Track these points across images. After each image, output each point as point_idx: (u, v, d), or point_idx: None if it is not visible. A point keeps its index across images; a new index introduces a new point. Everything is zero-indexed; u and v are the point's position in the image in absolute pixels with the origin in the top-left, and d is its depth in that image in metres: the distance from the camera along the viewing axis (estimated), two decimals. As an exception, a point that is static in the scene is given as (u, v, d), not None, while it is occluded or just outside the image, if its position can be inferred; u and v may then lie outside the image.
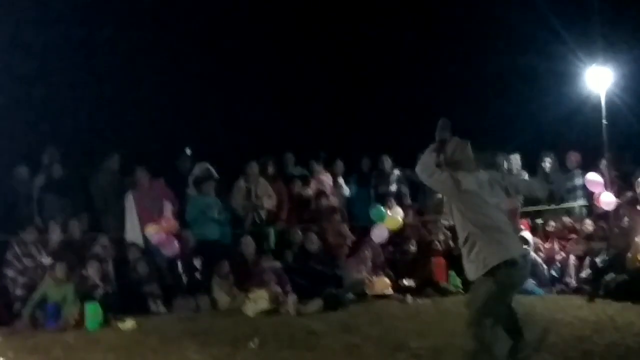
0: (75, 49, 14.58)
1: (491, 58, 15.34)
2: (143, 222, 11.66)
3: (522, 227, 12.32)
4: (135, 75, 15.07)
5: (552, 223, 12.52)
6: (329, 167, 13.39)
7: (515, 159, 13.40)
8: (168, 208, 11.78)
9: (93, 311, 9.86)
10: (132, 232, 11.85)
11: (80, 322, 9.80)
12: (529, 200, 12.97)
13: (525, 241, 11.83)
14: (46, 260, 10.98)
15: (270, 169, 12.93)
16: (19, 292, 10.65)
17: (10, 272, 10.86)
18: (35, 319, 10.02)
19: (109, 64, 14.89)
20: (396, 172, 13.69)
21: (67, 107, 14.48)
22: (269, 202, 12.48)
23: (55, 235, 11.44)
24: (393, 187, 13.57)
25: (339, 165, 13.37)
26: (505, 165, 13.42)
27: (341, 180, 13.34)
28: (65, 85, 14.51)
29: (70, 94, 14.55)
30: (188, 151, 12.97)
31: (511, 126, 14.87)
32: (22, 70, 13.68)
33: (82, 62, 14.55)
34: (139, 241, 11.68)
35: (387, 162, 13.64)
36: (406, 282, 11.76)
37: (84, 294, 10.22)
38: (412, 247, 12.30)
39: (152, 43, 15.41)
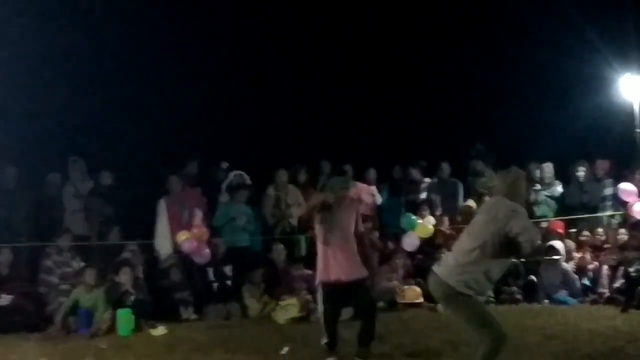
0: (115, 57, 14.71)
1: (524, 67, 15.28)
2: (174, 229, 11.73)
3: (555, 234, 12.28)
4: (171, 86, 15.20)
5: (585, 232, 12.42)
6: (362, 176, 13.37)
7: (548, 168, 13.30)
8: (199, 216, 11.86)
9: (125, 317, 9.93)
10: (162, 239, 11.92)
11: (112, 328, 9.87)
12: (563, 209, 12.94)
13: (555, 251, 11.78)
14: (79, 266, 11.11)
15: (302, 177, 12.95)
16: (52, 298, 10.77)
17: (44, 278, 11.00)
18: (68, 325, 10.12)
19: (146, 76, 14.98)
20: (427, 180, 13.65)
21: (106, 116, 14.62)
22: (297, 210, 12.47)
23: (91, 241, 11.62)
24: (424, 195, 13.52)
25: (372, 173, 13.33)
26: (538, 174, 13.33)
27: (374, 189, 13.32)
28: (106, 95, 14.69)
29: (107, 102, 14.71)
30: (224, 165, 13.05)
31: (544, 135, 14.76)
32: (56, 76, 13.88)
33: (116, 73, 14.67)
34: (168, 248, 11.75)
35: (417, 170, 13.61)
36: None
37: (116, 300, 10.30)
38: (447, 252, 12.21)
39: (189, 55, 15.52)
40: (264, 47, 16.05)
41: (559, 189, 13.20)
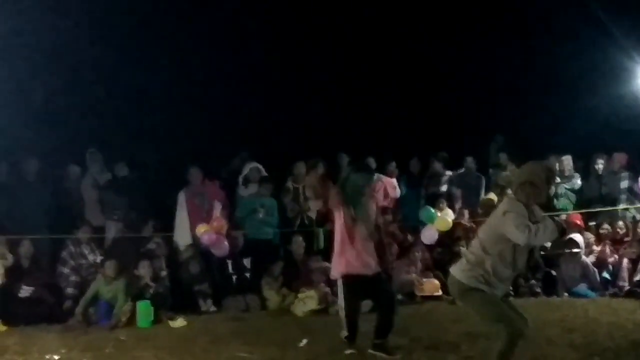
0: (134, 48, 14.74)
1: (542, 58, 15.20)
2: (193, 222, 11.78)
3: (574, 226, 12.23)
4: (191, 78, 15.24)
5: (605, 225, 12.36)
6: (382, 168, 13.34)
7: (567, 161, 13.24)
8: (218, 208, 11.91)
9: (144, 309, 9.99)
10: (181, 231, 11.97)
11: (131, 320, 9.93)
12: (583, 202, 12.89)
13: (575, 244, 11.73)
14: (99, 258, 11.18)
15: (320, 170, 12.93)
16: (72, 290, 10.84)
17: (64, 270, 11.08)
18: (88, 317, 10.18)
19: (165, 67, 15.03)
20: (448, 173, 13.63)
21: (123, 108, 14.68)
22: (316, 204, 12.46)
23: (111, 233, 11.69)
24: (444, 188, 13.49)
25: (392, 166, 13.30)
26: (557, 167, 13.26)
27: (394, 181, 13.28)
28: (120, 87, 14.75)
29: (125, 95, 14.77)
30: (244, 154, 13.09)
31: (564, 127, 14.69)
32: (80, 69, 13.95)
33: (137, 64, 14.70)
34: (188, 240, 11.80)
35: (439, 163, 13.58)
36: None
37: (136, 292, 10.36)
38: (462, 249, 12.20)
39: (208, 46, 15.54)
40: (283, 38, 16.02)
41: (578, 181, 13.14)
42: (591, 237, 12.13)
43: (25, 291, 10.41)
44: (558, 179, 13.17)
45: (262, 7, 15.94)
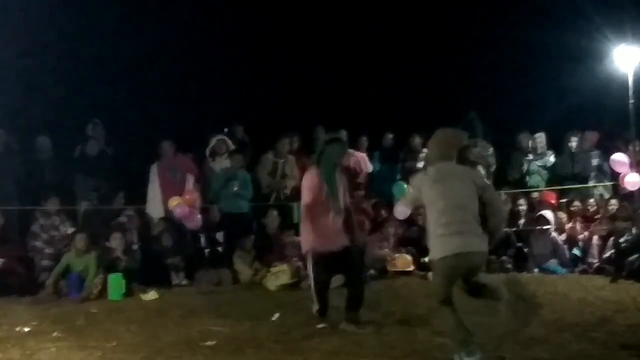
0: (108, 17, 14.57)
1: (518, 36, 15.18)
2: (165, 195, 11.74)
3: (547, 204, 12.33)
4: (165, 50, 15.11)
5: (576, 203, 12.46)
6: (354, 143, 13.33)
7: (540, 138, 13.31)
8: (190, 181, 11.88)
9: (116, 282, 9.96)
10: (154, 203, 11.93)
11: (103, 293, 9.90)
12: (555, 179, 12.98)
13: (545, 221, 11.83)
14: (70, 230, 11.12)
15: (295, 144, 12.93)
16: (43, 262, 10.82)
17: (34, 243, 11.01)
18: (59, 289, 10.14)
19: (140, 41, 14.87)
20: (425, 150, 13.62)
21: (103, 81, 14.54)
22: (292, 183, 12.45)
23: (81, 206, 11.62)
24: (420, 164, 13.50)
25: (364, 141, 13.29)
26: (530, 144, 13.34)
27: (365, 157, 13.29)
28: (94, 58, 14.60)
29: (105, 68, 14.63)
30: (226, 130, 13.03)
31: (538, 105, 14.76)
32: (52, 43, 13.78)
33: (110, 35, 14.55)
34: (160, 213, 11.76)
35: (418, 138, 13.57)
36: (428, 259, 11.70)
37: (108, 265, 10.32)
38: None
39: (186, 18, 15.41)
40: (259, 14, 15.93)
41: (551, 159, 13.22)
42: (564, 216, 12.22)
43: (-5, 262, 10.35)
44: (531, 156, 13.28)
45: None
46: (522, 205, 12.56)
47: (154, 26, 15.07)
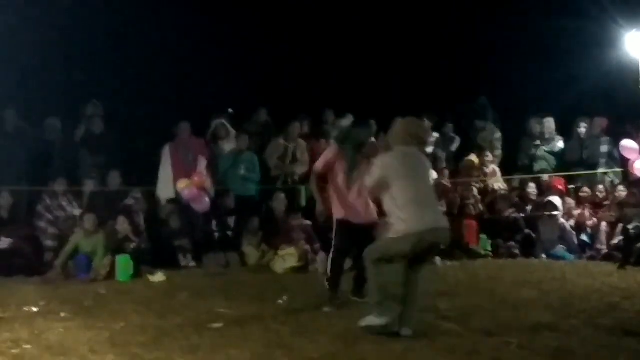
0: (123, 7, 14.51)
1: (528, 21, 15.09)
2: (176, 176, 11.74)
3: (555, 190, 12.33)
4: (182, 36, 15.05)
5: (585, 189, 12.43)
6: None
7: (549, 123, 13.28)
8: (202, 164, 11.86)
9: (124, 263, 9.99)
10: (164, 184, 11.93)
11: (111, 274, 9.93)
12: (564, 165, 12.96)
13: (553, 206, 11.81)
14: (77, 211, 11.13)
15: (305, 128, 12.94)
16: (50, 243, 10.85)
17: (41, 224, 11.04)
18: (67, 270, 10.17)
19: (153, 26, 14.80)
20: (435, 134, 13.63)
21: (110, 63, 14.49)
22: (301, 168, 12.46)
23: (88, 187, 11.62)
24: (430, 149, 13.50)
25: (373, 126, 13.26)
26: (539, 129, 13.31)
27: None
28: (110, 41, 14.56)
29: (115, 51, 14.58)
30: (230, 110, 13.01)
31: (548, 90, 14.68)
32: (62, 23, 13.72)
33: (119, 17, 14.47)
34: (171, 194, 11.76)
35: (428, 124, 13.56)
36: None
37: (116, 246, 10.34)
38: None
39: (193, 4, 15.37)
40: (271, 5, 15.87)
41: (559, 144, 13.20)
42: (572, 202, 12.20)
43: (3, 243, 10.38)
44: (538, 142, 13.25)
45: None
46: (532, 190, 12.56)
47: (169, 8, 15.00)
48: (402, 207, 6.07)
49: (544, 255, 11.61)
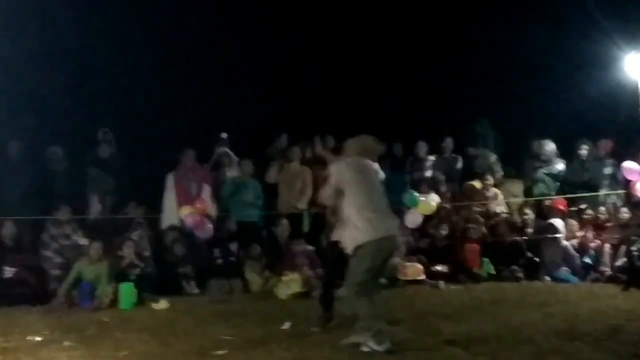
0: (120, 28, 14.55)
1: (528, 42, 15.16)
2: (181, 204, 11.76)
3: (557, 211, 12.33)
4: (179, 60, 15.11)
5: (588, 211, 12.43)
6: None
7: (548, 146, 13.29)
8: (207, 191, 11.89)
9: (127, 291, 9.98)
10: (169, 212, 11.95)
11: (114, 302, 9.92)
12: (566, 187, 12.97)
13: (555, 229, 11.83)
14: (82, 240, 11.15)
15: (308, 153, 12.98)
16: (54, 271, 10.83)
17: (47, 252, 11.04)
18: (71, 298, 10.16)
19: (152, 48, 14.86)
20: (431, 158, 13.65)
21: (118, 90, 14.55)
22: (308, 194, 12.47)
23: (93, 212, 11.65)
24: (428, 173, 13.52)
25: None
26: (538, 151, 13.34)
27: (377, 165, 13.27)
28: (104, 68, 14.61)
29: (117, 78, 14.64)
30: (224, 135, 13.04)
31: (548, 112, 14.71)
32: (67, 48, 13.81)
33: (122, 45, 14.53)
34: (175, 222, 11.77)
35: (423, 147, 13.60)
36: (439, 267, 11.73)
37: (119, 274, 10.34)
38: (444, 232, 12.28)
39: (196, 28, 15.42)
40: (271, 26, 15.93)
41: (558, 166, 13.22)
42: (574, 223, 12.19)
43: (7, 272, 10.39)
44: (537, 164, 13.28)
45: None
46: (529, 215, 12.59)
47: (171, 31, 15.05)
48: (356, 216, 6.38)
49: (547, 278, 11.60)
